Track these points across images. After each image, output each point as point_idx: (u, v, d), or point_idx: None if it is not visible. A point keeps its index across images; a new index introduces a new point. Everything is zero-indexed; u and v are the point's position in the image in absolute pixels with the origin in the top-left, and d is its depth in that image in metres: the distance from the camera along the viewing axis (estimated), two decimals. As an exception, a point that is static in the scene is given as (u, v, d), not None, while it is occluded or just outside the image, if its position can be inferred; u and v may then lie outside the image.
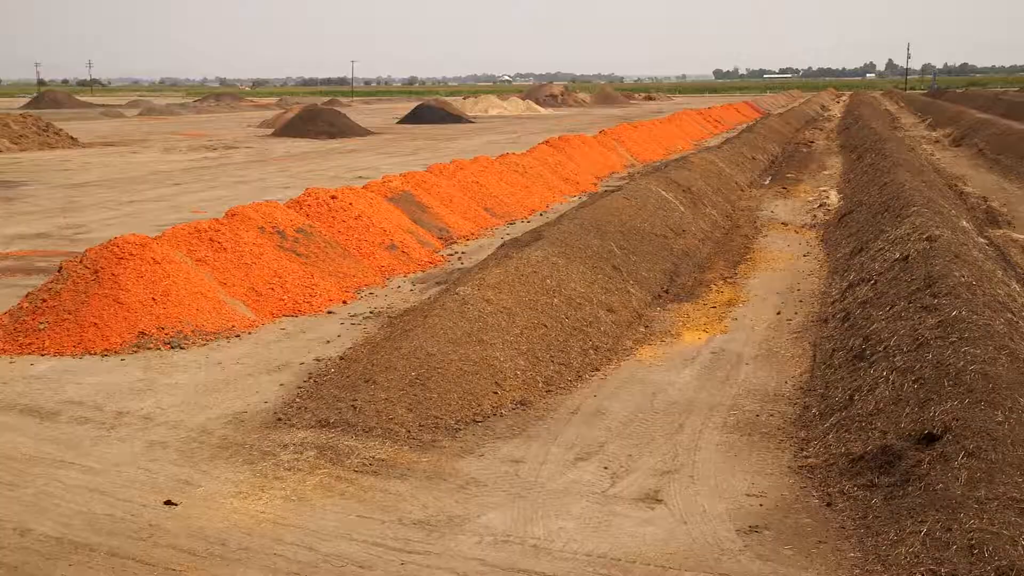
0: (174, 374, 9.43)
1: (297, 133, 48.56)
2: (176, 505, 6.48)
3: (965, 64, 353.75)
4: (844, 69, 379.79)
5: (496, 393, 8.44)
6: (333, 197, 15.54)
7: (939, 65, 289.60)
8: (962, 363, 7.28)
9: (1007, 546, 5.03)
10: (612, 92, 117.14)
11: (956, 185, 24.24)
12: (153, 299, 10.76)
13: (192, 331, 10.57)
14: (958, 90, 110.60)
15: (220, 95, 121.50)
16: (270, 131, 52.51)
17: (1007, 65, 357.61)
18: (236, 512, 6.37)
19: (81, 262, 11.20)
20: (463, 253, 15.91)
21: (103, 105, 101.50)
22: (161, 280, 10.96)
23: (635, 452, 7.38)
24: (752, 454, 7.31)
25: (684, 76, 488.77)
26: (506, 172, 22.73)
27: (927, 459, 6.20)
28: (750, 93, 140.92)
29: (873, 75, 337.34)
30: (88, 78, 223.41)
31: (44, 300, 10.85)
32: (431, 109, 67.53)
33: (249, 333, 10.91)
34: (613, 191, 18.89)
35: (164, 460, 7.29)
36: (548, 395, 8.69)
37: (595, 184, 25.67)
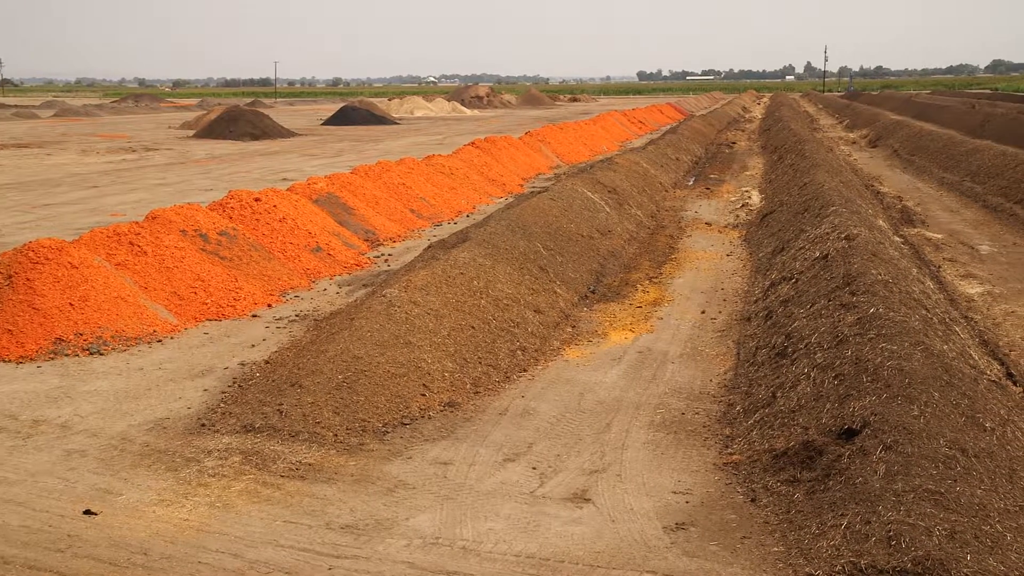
0: (93, 381, 9.20)
1: (219, 135, 47.66)
2: (96, 515, 6.32)
3: (880, 67, 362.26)
4: (764, 71, 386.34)
5: (424, 395, 8.41)
6: (257, 199, 15.32)
7: (855, 68, 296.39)
8: (880, 359, 7.47)
9: (923, 537, 5.18)
10: (538, 94, 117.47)
11: (873, 185, 24.89)
12: (70, 304, 10.48)
13: (112, 337, 10.33)
14: (873, 92, 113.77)
15: (139, 96, 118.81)
16: (191, 133, 51.53)
17: (919, 68, 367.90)
18: (159, 520, 6.24)
19: (-6, 267, 10.87)
20: (389, 255, 15.82)
21: (15, 106, 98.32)
22: (79, 285, 10.69)
23: (563, 452, 7.42)
24: (678, 452, 7.41)
25: (608, 78, 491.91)
26: (432, 174, 22.67)
27: (847, 453, 6.35)
28: (673, 95, 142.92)
29: (792, 77, 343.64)
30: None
31: (-45, 306, 10.50)
32: (356, 110, 66.91)
33: (171, 338, 10.70)
34: (539, 192, 18.96)
35: (83, 469, 7.11)
36: (476, 396, 8.69)
37: (521, 185, 25.75)
